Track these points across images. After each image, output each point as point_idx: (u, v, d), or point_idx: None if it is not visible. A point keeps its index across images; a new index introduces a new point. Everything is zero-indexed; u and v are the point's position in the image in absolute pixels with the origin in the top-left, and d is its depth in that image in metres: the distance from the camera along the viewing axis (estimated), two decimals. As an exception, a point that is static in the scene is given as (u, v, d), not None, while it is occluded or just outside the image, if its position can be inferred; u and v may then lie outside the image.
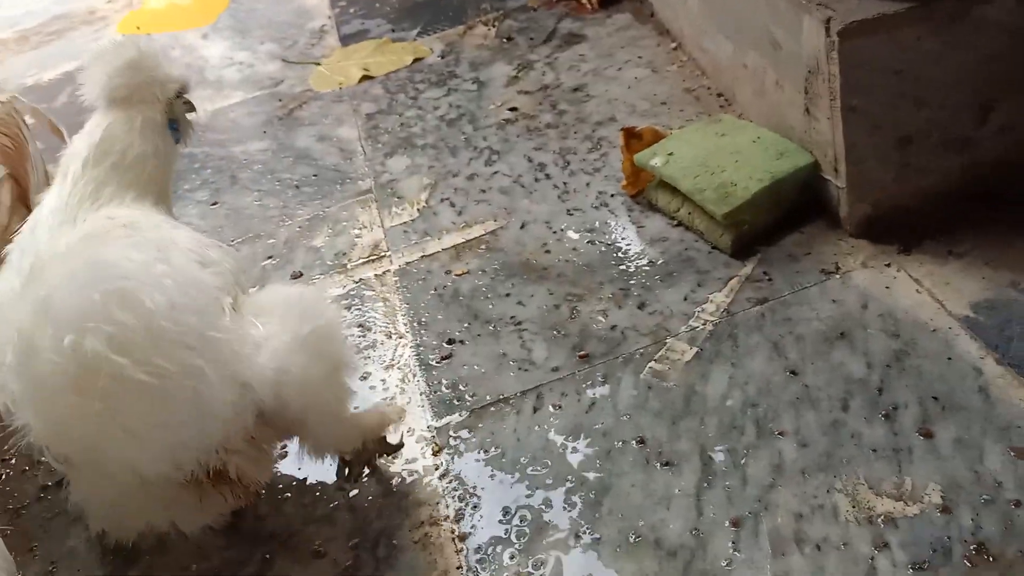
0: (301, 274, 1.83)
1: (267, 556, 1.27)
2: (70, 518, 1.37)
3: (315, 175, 2.16)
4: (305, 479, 1.36)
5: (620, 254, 1.65)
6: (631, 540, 1.16)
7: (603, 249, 1.68)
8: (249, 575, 1.25)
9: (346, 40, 2.79)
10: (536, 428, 1.36)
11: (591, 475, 1.26)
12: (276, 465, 1.36)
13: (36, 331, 0.89)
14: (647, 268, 1.60)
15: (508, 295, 1.63)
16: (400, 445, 1.36)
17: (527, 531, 1.21)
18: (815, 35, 1.44)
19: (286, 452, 1.39)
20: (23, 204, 1.57)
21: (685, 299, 1.52)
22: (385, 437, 1.35)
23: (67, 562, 1.34)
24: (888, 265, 1.48)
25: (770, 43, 1.63)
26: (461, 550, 1.21)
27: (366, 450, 1.31)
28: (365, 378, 1.52)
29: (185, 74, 1.44)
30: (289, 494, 1.35)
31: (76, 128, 1.40)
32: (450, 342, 1.56)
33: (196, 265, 1.13)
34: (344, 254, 1.86)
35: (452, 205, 1.91)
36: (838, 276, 1.49)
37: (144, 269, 0.98)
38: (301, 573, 1.23)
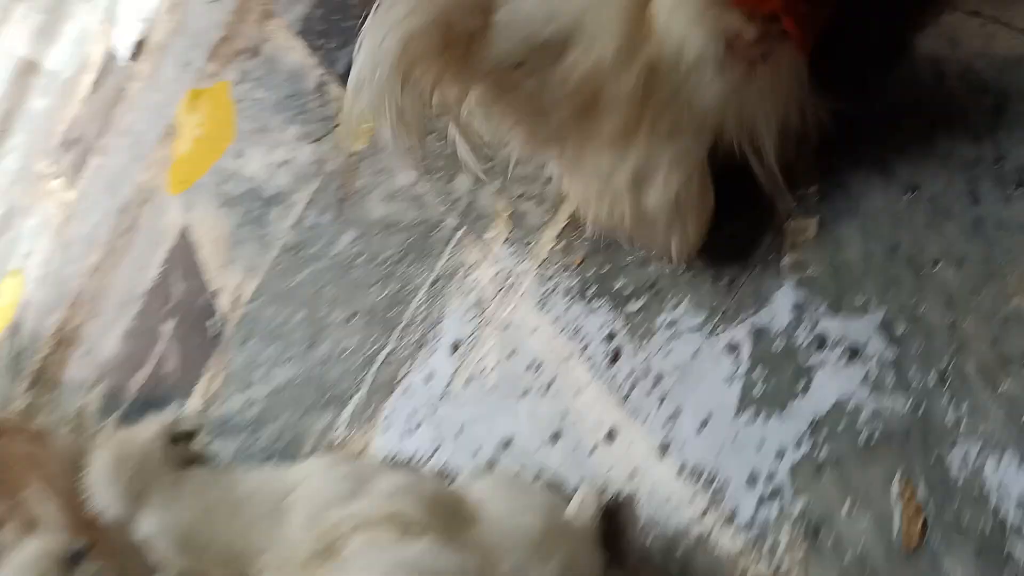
0: (458, 345, 1.99)
1: None
2: None
3: (408, 239, 2.29)
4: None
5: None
6: (863, 443, 1.25)
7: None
8: None
9: (345, 81, 2.85)
10: (726, 381, 1.45)
11: None
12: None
13: None
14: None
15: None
16: None
17: None
18: None
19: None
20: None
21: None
22: None
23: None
24: (940, 12, 1.41)
25: None
26: (734, 531, 1.35)
27: None
28: (565, 417, 1.67)
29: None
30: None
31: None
32: (610, 337, 1.67)
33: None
34: (479, 303, 2.00)
35: (529, 199, 1.98)
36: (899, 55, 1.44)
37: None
38: None
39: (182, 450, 1.41)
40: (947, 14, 1.37)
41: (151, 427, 1.41)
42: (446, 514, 1.23)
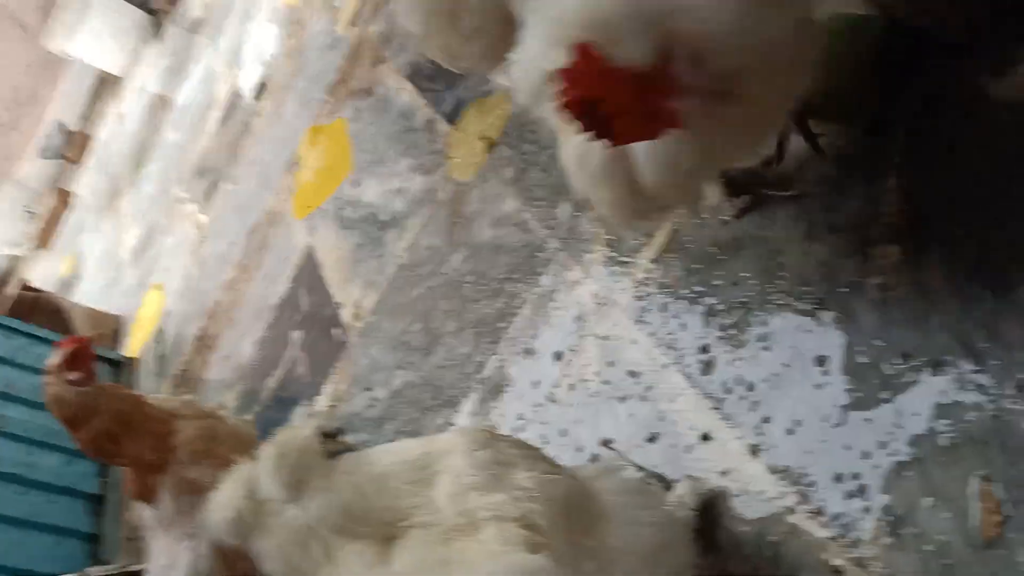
0: (561, 354, 2.08)
1: None
2: None
3: (514, 260, 2.40)
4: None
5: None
6: (945, 445, 1.30)
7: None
8: None
9: (452, 119, 3.00)
10: (815, 390, 1.51)
11: (881, 410, 1.40)
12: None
13: None
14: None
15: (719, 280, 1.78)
16: None
17: None
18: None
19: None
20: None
21: (864, 201, 1.59)
22: None
23: None
24: (1018, 61, 1.46)
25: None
26: None
27: None
28: (663, 419, 1.74)
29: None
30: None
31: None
32: (704, 349, 1.74)
33: None
34: (580, 318, 2.09)
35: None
36: (980, 100, 1.48)
37: None
38: None
39: (332, 445, 1.53)
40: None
41: (306, 427, 1.52)
42: (575, 513, 1.32)
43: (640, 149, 1.21)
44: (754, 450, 1.56)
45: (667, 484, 1.67)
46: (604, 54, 1.07)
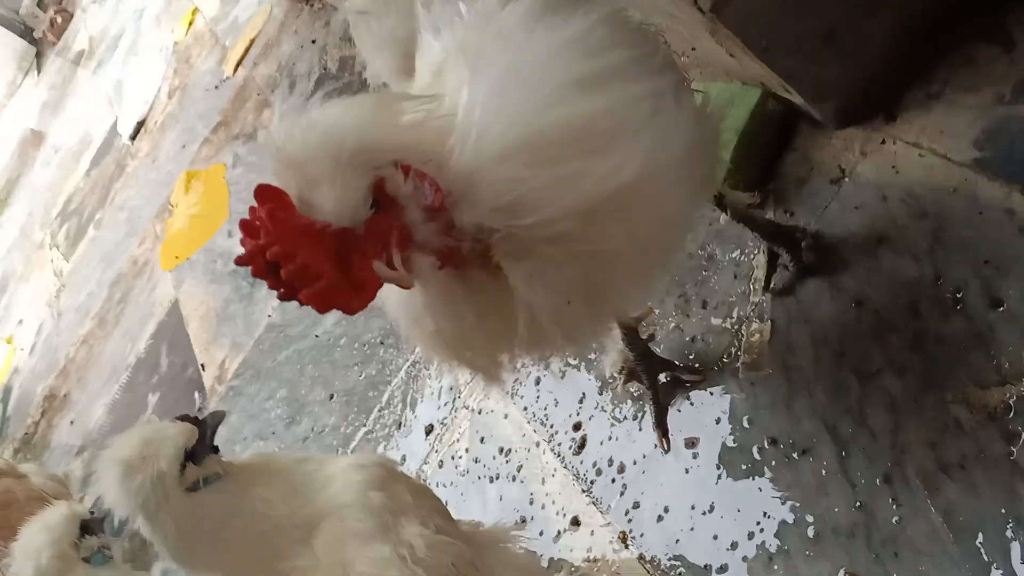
0: (432, 428, 2.00)
1: None
2: None
3: (389, 323, 2.31)
4: None
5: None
6: (812, 537, 1.28)
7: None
8: None
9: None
10: (685, 474, 1.48)
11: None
12: None
13: None
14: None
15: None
16: None
17: (729, 577, 1.34)
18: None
19: None
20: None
21: (735, 277, 1.59)
22: None
23: None
24: (883, 142, 1.49)
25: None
26: None
27: None
28: (532, 502, 1.68)
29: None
30: None
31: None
32: (577, 427, 1.69)
33: None
34: (453, 388, 2.02)
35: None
36: (847, 179, 1.51)
37: None
38: None
39: (195, 472, 1.22)
40: (891, 144, 1.44)
41: (167, 437, 1.22)
42: None
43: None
44: (624, 538, 1.51)
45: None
46: (294, 203, 0.84)
